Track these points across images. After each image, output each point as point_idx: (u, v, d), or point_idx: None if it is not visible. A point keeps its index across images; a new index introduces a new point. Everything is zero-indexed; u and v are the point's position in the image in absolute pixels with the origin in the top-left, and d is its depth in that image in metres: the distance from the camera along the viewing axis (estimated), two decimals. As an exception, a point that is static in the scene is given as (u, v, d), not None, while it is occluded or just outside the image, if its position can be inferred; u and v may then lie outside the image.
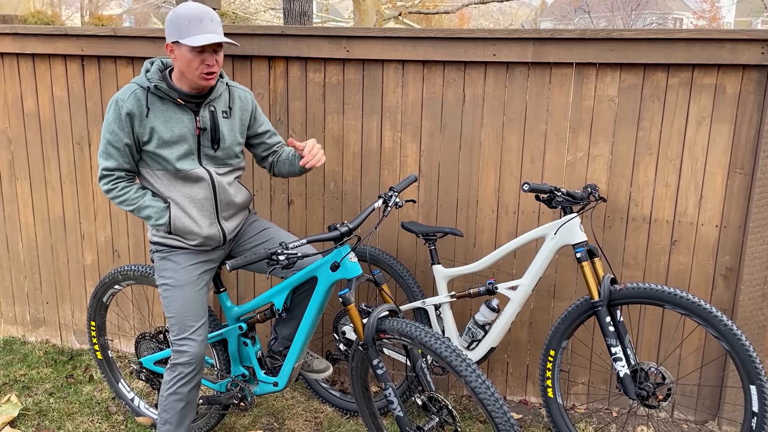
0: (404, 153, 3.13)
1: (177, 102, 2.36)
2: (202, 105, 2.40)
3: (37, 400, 3.22)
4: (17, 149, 3.57)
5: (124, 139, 2.33)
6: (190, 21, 2.22)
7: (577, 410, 3.20)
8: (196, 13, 2.23)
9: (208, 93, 2.40)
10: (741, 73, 2.76)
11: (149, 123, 2.33)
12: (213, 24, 2.25)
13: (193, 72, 2.28)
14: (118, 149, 2.34)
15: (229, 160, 2.50)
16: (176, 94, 2.34)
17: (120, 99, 2.32)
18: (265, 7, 19.78)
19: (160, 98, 2.35)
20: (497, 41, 2.89)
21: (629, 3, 28.85)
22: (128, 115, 2.30)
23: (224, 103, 2.47)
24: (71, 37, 3.31)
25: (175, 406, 2.51)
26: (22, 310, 3.81)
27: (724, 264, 2.93)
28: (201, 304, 2.49)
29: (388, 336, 2.29)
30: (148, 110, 2.32)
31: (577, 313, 2.66)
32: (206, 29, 2.23)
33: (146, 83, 2.33)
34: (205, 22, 2.23)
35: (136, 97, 2.32)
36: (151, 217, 2.40)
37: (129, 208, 2.40)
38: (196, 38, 2.21)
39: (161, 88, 2.32)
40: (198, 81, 2.30)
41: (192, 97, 2.37)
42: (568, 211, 2.69)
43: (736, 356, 2.38)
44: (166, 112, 2.35)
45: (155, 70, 2.37)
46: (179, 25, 2.24)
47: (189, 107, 2.38)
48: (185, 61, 2.26)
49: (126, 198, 2.39)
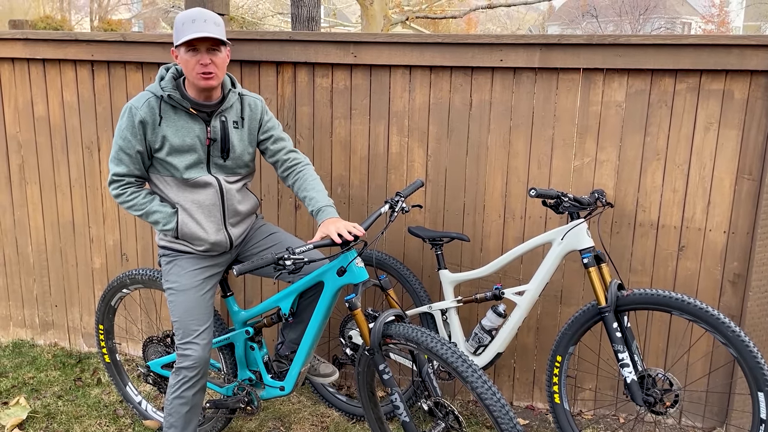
0: (411, 158, 3.13)
1: (189, 111, 2.38)
2: (214, 115, 2.41)
3: (45, 402, 3.24)
4: (27, 154, 3.60)
5: (136, 146, 2.35)
6: (184, 23, 2.28)
7: (584, 416, 3.19)
8: (190, 15, 2.29)
9: (219, 103, 2.42)
10: (749, 78, 2.76)
11: (161, 131, 2.35)
12: (206, 24, 2.28)
13: (191, 73, 2.31)
14: (130, 156, 2.37)
15: (239, 169, 2.52)
16: (188, 103, 2.36)
17: (134, 107, 2.34)
18: (272, 12, 19.85)
19: (173, 107, 2.37)
20: (504, 47, 2.89)
21: (637, 7, 28.79)
22: (141, 123, 2.33)
23: (236, 113, 2.48)
24: (81, 42, 3.34)
25: (179, 410, 2.52)
26: (31, 313, 3.84)
27: (732, 270, 2.92)
28: (205, 309, 2.51)
29: (395, 341, 2.29)
30: (161, 119, 2.35)
31: (584, 319, 2.66)
32: (198, 29, 2.26)
33: (160, 92, 2.35)
34: (197, 23, 2.27)
35: (150, 106, 2.34)
36: (159, 222, 2.42)
37: (137, 213, 2.43)
38: (186, 37, 2.26)
39: (174, 97, 2.34)
40: (197, 81, 2.32)
41: (204, 106, 2.39)
42: (575, 217, 2.68)
43: (743, 363, 2.37)
44: (177, 121, 2.37)
45: (170, 78, 2.39)
46: (177, 29, 2.30)
47: (201, 117, 2.40)
48: (183, 62, 2.31)
49: (135, 203, 2.42)
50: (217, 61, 2.31)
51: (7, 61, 3.51)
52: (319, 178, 2.56)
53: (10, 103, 3.56)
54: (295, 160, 2.60)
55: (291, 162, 2.59)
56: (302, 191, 2.51)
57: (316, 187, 2.50)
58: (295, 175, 2.57)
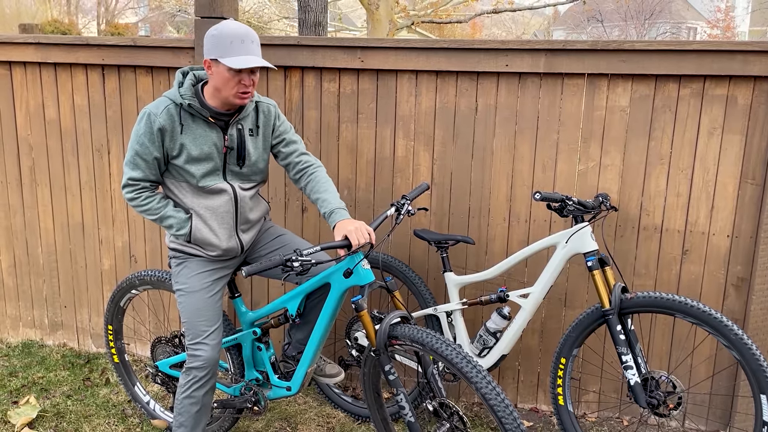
0: (417, 161, 3.16)
1: (207, 120, 2.39)
2: (231, 123, 2.42)
3: (54, 402, 3.28)
4: (38, 156, 3.65)
5: (153, 152, 2.36)
6: (232, 41, 2.23)
7: (588, 418, 3.21)
8: (239, 34, 2.24)
9: (237, 111, 2.42)
10: (752, 84, 2.78)
11: (180, 140, 2.36)
12: (254, 46, 2.27)
13: (229, 91, 2.30)
14: (146, 161, 2.38)
15: (254, 176, 2.54)
16: (208, 112, 2.37)
17: (153, 113, 2.34)
18: (278, 16, 19.94)
19: (191, 115, 2.38)
20: (510, 52, 2.92)
21: (643, 12, 28.77)
22: (160, 130, 2.33)
23: (252, 121, 2.49)
24: (92, 46, 3.39)
25: (190, 410, 2.55)
26: (40, 314, 3.88)
27: (736, 274, 2.94)
28: (214, 310, 2.54)
29: (400, 342, 2.32)
30: (182, 126, 2.35)
31: (588, 322, 2.68)
32: (248, 51, 2.25)
33: (179, 99, 2.35)
34: (246, 44, 2.24)
35: (169, 113, 2.34)
36: (173, 226, 2.45)
37: (151, 217, 2.45)
38: (238, 59, 2.23)
39: (194, 106, 2.35)
40: (233, 100, 2.32)
41: (223, 115, 2.39)
42: (579, 220, 2.71)
43: (746, 366, 2.39)
44: (196, 129, 2.38)
45: (188, 85, 2.38)
46: (221, 44, 2.24)
47: (218, 125, 2.41)
48: (222, 79, 2.28)
49: (149, 208, 2.44)
50: (255, 80, 2.33)
51: (19, 65, 3.56)
52: (331, 180, 2.56)
53: (22, 106, 3.61)
54: (307, 163, 2.60)
55: (303, 165, 2.60)
56: (314, 193, 2.52)
57: (328, 189, 2.50)
58: (307, 177, 2.57)
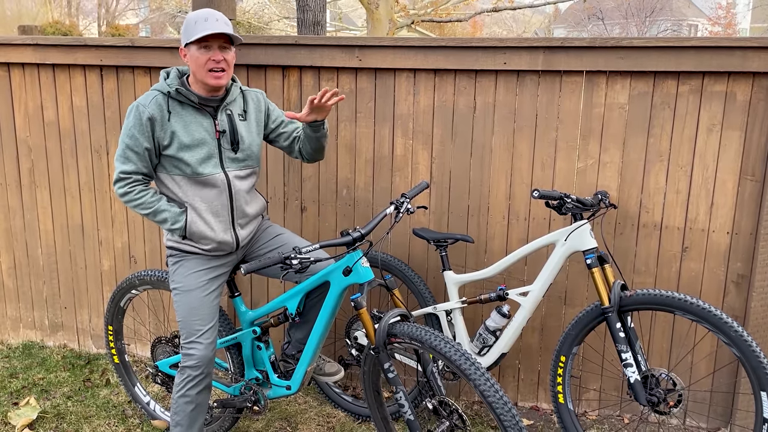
0: (416, 160, 3.16)
1: (196, 106, 2.43)
2: (219, 109, 2.47)
3: (55, 403, 3.28)
4: (37, 158, 3.65)
5: (144, 143, 2.38)
6: (196, 21, 2.35)
7: (589, 416, 3.20)
8: (202, 14, 2.37)
9: (224, 97, 2.48)
10: (751, 80, 2.77)
11: (170, 127, 2.39)
12: (218, 23, 2.36)
13: (202, 69, 2.36)
14: (138, 153, 2.40)
15: (249, 161, 2.57)
16: (195, 97, 2.42)
17: (141, 104, 2.39)
18: (278, 17, 19.93)
19: (180, 102, 2.42)
20: (508, 50, 2.92)
21: (643, 10, 28.74)
22: (149, 120, 2.37)
23: (239, 106, 2.55)
24: (91, 47, 3.39)
25: (185, 409, 2.55)
26: (40, 315, 3.89)
27: (736, 271, 2.93)
28: (209, 309, 2.54)
29: (400, 340, 2.32)
30: (169, 114, 2.40)
31: (588, 319, 2.67)
32: (211, 26, 2.33)
33: (166, 88, 2.41)
34: (210, 21, 2.34)
35: (157, 102, 2.39)
36: (167, 220, 2.45)
37: (145, 211, 2.45)
38: (200, 33, 2.32)
39: (181, 91, 2.40)
40: (207, 79, 2.37)
41: (209, 101, 2.45)
42: (578, 218, 2.70)
43: (746, 363, 2.38)
44: (185, 116, 2.42)
45: (174, 76, 2.46)
46: (188, 28, 2.37)
47: (207, 111, 2.45)
48: (195, 61, 2.37)
49: (142, 201, 2.44)
50: (228, 59, 2.39)
51: (18, 66, 3.56)
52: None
53: (21, 107, 3.61)
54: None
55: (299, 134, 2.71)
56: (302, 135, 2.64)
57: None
58: (297, 140, 2.69)
